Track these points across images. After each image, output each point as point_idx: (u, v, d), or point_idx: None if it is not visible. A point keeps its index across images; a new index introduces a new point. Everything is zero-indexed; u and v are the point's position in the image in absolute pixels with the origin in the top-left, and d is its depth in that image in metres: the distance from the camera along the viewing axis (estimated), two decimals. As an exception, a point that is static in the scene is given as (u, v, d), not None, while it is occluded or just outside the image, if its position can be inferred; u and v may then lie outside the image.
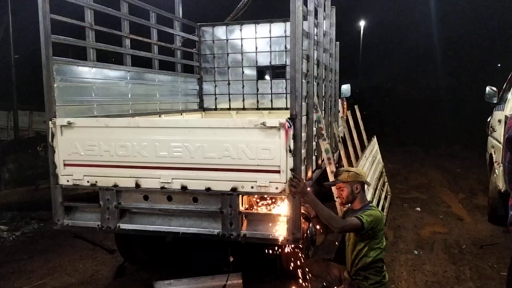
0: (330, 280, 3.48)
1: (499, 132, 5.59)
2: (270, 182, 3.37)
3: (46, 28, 3.63)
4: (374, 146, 6.88)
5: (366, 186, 3.49)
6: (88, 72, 4.33)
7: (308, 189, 3.29)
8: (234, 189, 3.44)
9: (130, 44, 4.98)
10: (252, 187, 3.41)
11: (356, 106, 7.23)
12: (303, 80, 3.66)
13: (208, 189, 3.48)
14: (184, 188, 3.52)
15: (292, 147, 3.30)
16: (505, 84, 6.11)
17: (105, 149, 3.60)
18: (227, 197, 3.46)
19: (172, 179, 3.52)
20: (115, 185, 3.63)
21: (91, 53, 4.37)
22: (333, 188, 3.61)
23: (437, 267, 4.62)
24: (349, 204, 3.41)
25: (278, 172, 3.34)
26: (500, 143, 5.39)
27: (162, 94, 5.58)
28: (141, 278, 4.41)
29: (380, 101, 26.47)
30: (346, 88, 7.93)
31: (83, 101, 4.22)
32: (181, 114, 5.92)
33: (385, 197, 6.57)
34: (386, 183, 7.02)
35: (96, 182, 3.68)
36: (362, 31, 34.01)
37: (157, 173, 3.54)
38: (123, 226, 3.72)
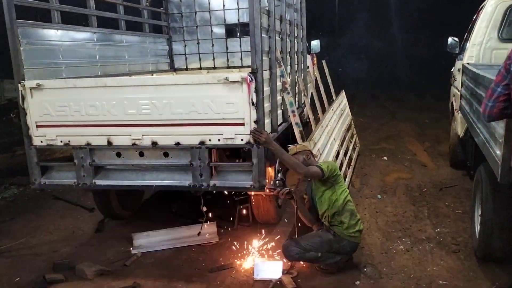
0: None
1: (459, 80, 5.85)
2: (235, 134, 3.57)
3: (7, -10, 3.64)
4: (342, 100, 7.10)
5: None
6: (54, 35, 4.35)
7: (272, 143, 3.55)
8: (202, 143, 3.63)
9: (95, 5, 4.97)
10: (219, 140, 3.60)
11: (323, 61, 7.38)
12: (264, 35, 3.81)
13: (177, 143, 3.66)
14: (154, 143, 3.69)
15: (254, 100, 3.48)
16: (466, 34, 6.32)
17: (76, 109, 3.71)
18: (196, 150, 3.65)
19: (143, 135, 3.68)
20: (88, 144, 3.77)
21: (56, 15, 4.37)
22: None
23: (398, 208, 4.98)
24: None
25: (243, 124, 3.53)
26: (459, 91, 5.67)
27: (131, 55, 5.61)
28: (121, 232, 4.64)
29: (356, 58, 26.52)
30: (315, 44, 8.08)
31: (51, 63, 4.26)
32: (152, 75, 5.97)
33: (354, 148, 6.87)
34: (355, 135, 7.31)
35: (69, 141, 3.81)
36: (338, -13, 33.54)
37: (127, 130, 3.69)
38: (99, 182, 3.89)
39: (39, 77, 3.90)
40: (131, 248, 4.21)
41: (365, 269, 3.70)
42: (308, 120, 6.58)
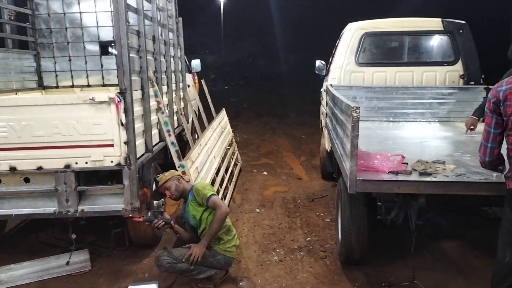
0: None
1: (326, 100, 6.41)
2: (104, 156, 3.46)
3: None
4: (223, 118, 7.28)
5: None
6: None
7: (201, 245, 3.50)
8: (67, 166, 3.45)
9: None
10: (86, 163, 3.46)
11: (202, 81, 7.53)
12: (133, 55, 3.78)
13: (39, 168, 3.43)
14: (13, 169, 3.41)
15: (124, 121, 3.42)
16: (330, 58, 6.95)
17: None
18: (61, 175, 3.45)
19: (-1, 160, 3.38)
20: None
21: None
22: (166, 193, 3.77)
23: (274, 221, 5.23)
24: (182, 197, 3.80)
25: (112, 146, 3.45)
26: (325, 109, 6.20)
27: (-10, 72, 5.13)
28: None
29: (242, 76, 27.47)
30: (196, 63, 8.22)
31: None
32: (17, 93, 5.51)
33: (235, 165, 7.08)
34: (237, 152, 7.54)
35: None
36: (222, 8, 34.66)
37: (-20, 155, 3.36)
38: None
39: None
40: (-12, 286, 3.80)
41: (241, 283, 3.82)
42: (187, 139, 6.64)
